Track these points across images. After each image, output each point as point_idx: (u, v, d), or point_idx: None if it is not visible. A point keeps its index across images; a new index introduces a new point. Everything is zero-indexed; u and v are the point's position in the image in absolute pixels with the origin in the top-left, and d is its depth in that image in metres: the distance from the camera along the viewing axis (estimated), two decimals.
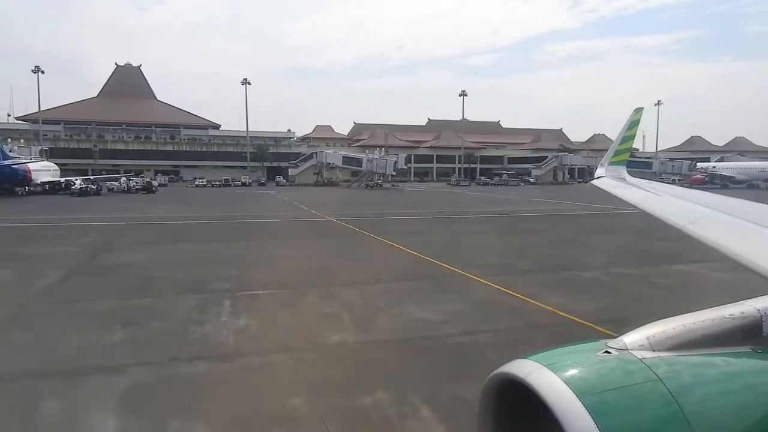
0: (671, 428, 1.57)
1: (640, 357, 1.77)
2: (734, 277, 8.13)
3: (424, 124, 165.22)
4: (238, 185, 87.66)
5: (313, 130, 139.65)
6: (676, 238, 5.17)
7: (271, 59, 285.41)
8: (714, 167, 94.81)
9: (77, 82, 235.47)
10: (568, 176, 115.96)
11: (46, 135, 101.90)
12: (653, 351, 1.82)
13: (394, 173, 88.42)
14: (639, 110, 7.93)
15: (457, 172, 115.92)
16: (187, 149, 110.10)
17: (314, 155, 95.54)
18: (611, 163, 7.67)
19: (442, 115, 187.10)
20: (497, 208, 42.63)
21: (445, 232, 27.07)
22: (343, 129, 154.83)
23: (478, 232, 27.23)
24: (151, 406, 6.72)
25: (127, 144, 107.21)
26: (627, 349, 1.82)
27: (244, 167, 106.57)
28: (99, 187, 59.94)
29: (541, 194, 64.42)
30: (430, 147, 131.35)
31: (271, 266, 16.98)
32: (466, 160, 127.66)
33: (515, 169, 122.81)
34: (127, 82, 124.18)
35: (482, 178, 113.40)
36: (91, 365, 8.12)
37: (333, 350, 8.87)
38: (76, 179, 61.77)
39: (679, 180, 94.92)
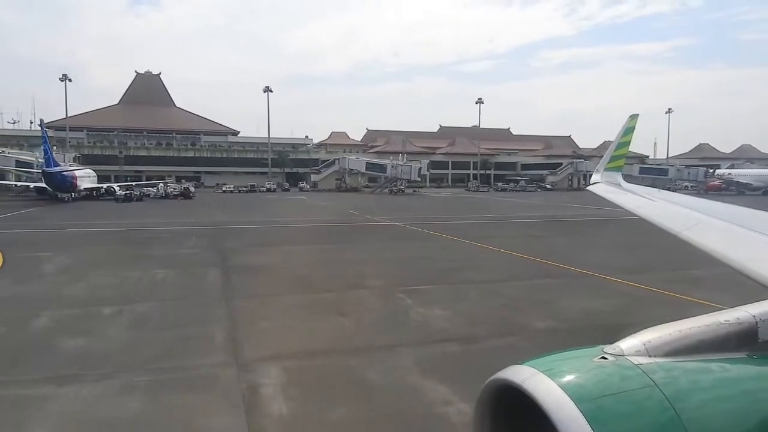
0: None
1: (636, 363, 1.77)
2: None
3: (434, 130, 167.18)
4: (263, 191, 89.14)
5: (329, 137, 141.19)
6: None
7: (269, 67, 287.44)
8: (730, 174, 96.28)
9: (76, 90, 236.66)
10: (583, 182, 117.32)
11: (69, 142, 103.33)
12: (650, 357, 1.83)
13: (419, 179, 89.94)
14: (634, 117, 7.96)
15: (477, 178, 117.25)
16: (208, 155, 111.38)
17: (336, 161, 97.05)
18: (607, 169, 7.72)
19: (438, 120, 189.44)
20: (538, 213, 43.98)
21: (516, 235, 28.33)
22: (349, 135, 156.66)
23: (545, 236, 28.44)
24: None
25: (149, 150, 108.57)
26: (623, 355, 1.82)
27: (264, 173, 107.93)
28: (141, 194, 61.31)
29: (564, 200, 65.46)
30: (446, 153, 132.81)
31: (399, 265, 18.26)
32: (480, 167, 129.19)
33: (528, 175, 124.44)
34: (147, 89, 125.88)
35: (499, 184, 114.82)
36: (358, 346, 9.49)
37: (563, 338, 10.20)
38: (115, 186, 63.22)
39: (692, 187, 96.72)
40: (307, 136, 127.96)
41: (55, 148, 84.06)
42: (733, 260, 3.13)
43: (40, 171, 65.07)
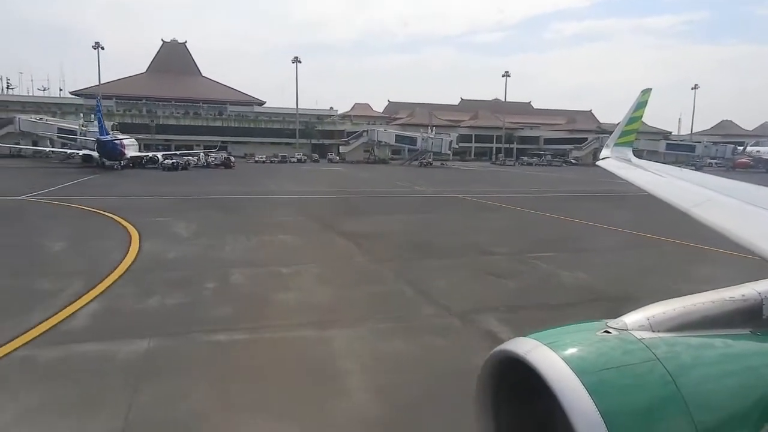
0: (668, 408, 1.60)
1: (639, 337, 1.79)
2: None
3: (454, 103, 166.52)
4: (294, 161, 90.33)
5: (352, 108, 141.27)
6: None
7: (273, 36, 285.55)
8: (758, 151, 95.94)
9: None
10: None
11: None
12: (653, 331, 1.84)
13: (450, 152, 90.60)
14: (646, 91, 7.86)
15: (503, 152, 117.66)
16: (236, 125, 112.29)
17: (365, 133, 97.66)
18: (617, 144, 7.69)
19: (450, 92, 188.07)
20: (580, 187, 44.99)
21: (578, 207, 28.90)
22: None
23: (606, 208, 29.03)
24: None
25: (178, 119, 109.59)
26: (627, 330, 1.84)
27: (289, 144, 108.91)
28: (186, 163, 62.69)
29: (595, 175, 65.39)
30: (470, 126, 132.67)
31: (500, 234, 19.43)
32: (504, 140, 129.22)
33: (551, 149, 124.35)
34: (174, 58, 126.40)
35: (524, 158, 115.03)
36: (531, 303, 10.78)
37: None
38: (159, 155, 64.61)
39: (717, 164, 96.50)
40: (331, 107, 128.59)
41: (92, 116, 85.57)
42: (743, 238, 3.11)
43: (82, 138, 66.79)
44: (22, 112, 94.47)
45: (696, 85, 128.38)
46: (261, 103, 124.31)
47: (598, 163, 7.48)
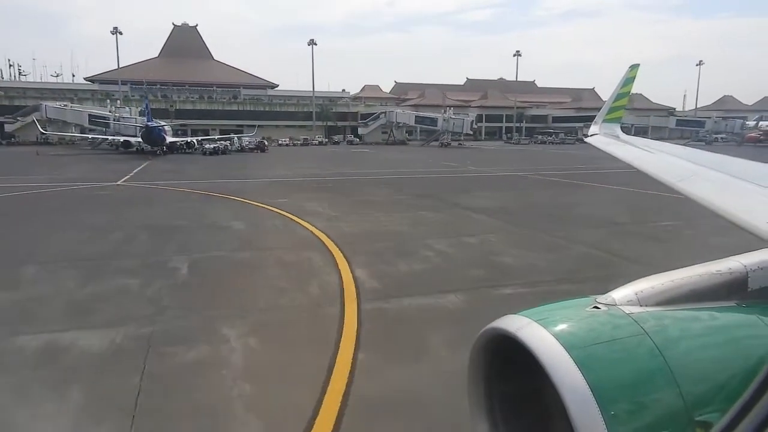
0: (656, 380, 1.63)
1: (628, 312, 1.82)
2: None
3: (458, 83, 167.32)
4: (315, 144, 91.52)
5: (362, 90, 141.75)
6: None
7: (261, 17, 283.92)
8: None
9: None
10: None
11: (113, 95, 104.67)
12: (641, 306, 1.87)
13: (471, 132, 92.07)
14: (634, 67, 7.81)
15: (517, 131, 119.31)
16: (251, 109, 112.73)
17: (383, 114, 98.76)
18: (605, 121, 7.64)
19: (442, 72, 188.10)
20: (622, 164, 46.65)
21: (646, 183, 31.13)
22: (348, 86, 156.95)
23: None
24: None
25: (194, 104, 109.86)
26: (616, 305, 1.87)
27: (303, 126, 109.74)
28: (225, 147, 63.84)
29: None
30: (480, 106, 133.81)
31: (610, 207, 21.23)
32: (513, 119, 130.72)
33: (560, 128, 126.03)
34: (185, 42, 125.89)
35: (538, 136, 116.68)
36: None
37: None
38: (195, 140, 65.71)
39: (722, 139, 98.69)
40: (343, 90, 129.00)
41: (119, 102, 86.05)
42: (726, 211, 3.13)
43: (116, 124, 67.63)
44: (40, 98, 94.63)
45: (701, 61, 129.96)
46: (274, 86, 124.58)
47: (587, 139, 7.52)
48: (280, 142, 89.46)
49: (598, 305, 1.87)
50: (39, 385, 6.23)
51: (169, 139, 63.74)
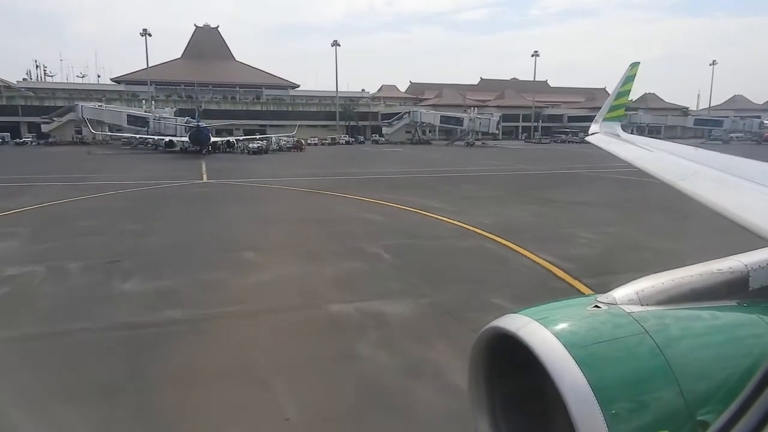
0: (657, 379, 1.63)
1: (628, 311, 1.82)
2: None
3: (474, 82, 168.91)
4: (342, 143, 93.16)
5: (379, 90, 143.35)
6: None
7: (257, 17, 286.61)
8: None
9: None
10: (636, 133, 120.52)
11: (138, 95, 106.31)
12: (642, 305, 1.87)
13: (497, 132, 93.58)
14: (635, 65, 7.83)
15: (534, 130, 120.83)
16: (274, 109, 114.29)
17: (407, 114, 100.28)
18: (606, 119, 7.62)
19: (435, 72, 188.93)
20: None
21: None
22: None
23: None
24: None
25: (219, 104, 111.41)
26: (616, 304, 1.87)
27: (325, 126, 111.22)
28: (267, 147, 65.49)
29: None
30: (497, 106, 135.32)
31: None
32: (529, 119, 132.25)
33: (575, 127, 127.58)
34: (207, 43, 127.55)
35: (560, 135, 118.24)
36: None
37: None
38: (234, 139, 67.29)
39: (737, 138, 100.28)
40: (363, 90, 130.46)
41: (153, 103, 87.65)
42: (727, 209, 3.14)
43: (156, 123, 69.18)
44: (68, 99, 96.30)
45: (714, 61, 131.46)
46: (295, 86, 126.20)
47: (587, 138, 7.48)
48: (309, 141, 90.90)
49: (599, 304, 1.87)
50: None
51: (213, 138, 65.30)
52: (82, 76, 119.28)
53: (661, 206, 19.80)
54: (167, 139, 64.72)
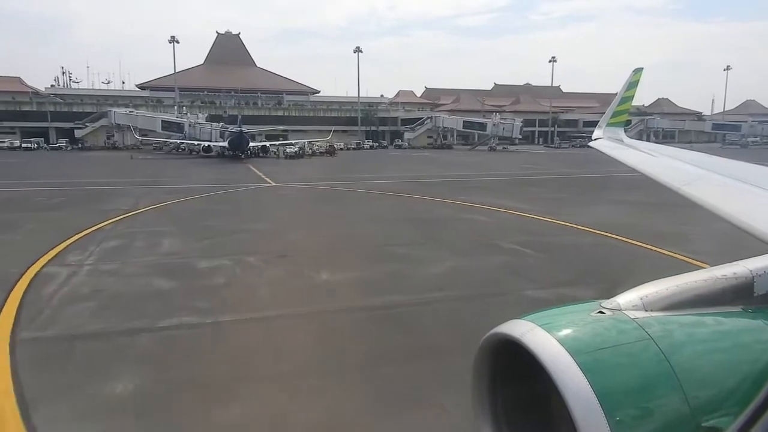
0: (662, 386, 1.62)
1: (633, 317, 1.81)
2: None
3: (489, 88, 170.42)
4: (367, 148, 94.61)
5: (396, 95, 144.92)
6: None
7: (261, 22, 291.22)
8: None
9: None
10: (654, 138, 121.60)
11: (163, 101, 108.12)
12: (646, 311, 1.86)
13: (520, 137, 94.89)
14: (638, 71, 7.73)
15: (552, 135, 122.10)
16: (296, 114, 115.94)
17: (429, 119, 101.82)
18: (609, 125, 7.53)
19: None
20: None
21: None
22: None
23: None
24: None
25: (242, 110, 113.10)
26: (620, 310, 1.86)
27: (345, 131, 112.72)
28: (302, 151, 66.94)
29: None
30: (513, 111, 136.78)
31: None
32: (544, 124, 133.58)
33: (592, 132, 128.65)
34: (229, 49, 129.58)
35: (579, 140, 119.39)
36: None
37: None
38: (268, 144, 68.72)
39: (752, 142, 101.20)
40: (382, 95, 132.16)
41: (185, 108, 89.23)
42: (731, 215, 3.11)
43: (192, 129, 70.63)
44: (96, 105, 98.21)
45: (728, 66, 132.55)
46: (315, 92, 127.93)
47: (590, 144, 7.43)
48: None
49: (603, 310, 1.87)
50: None
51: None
52: (108, 83, 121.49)
53: None
54: (205, 144, 66.18)
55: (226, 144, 62.37)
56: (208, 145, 65.45)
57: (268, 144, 69.40)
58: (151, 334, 8.10)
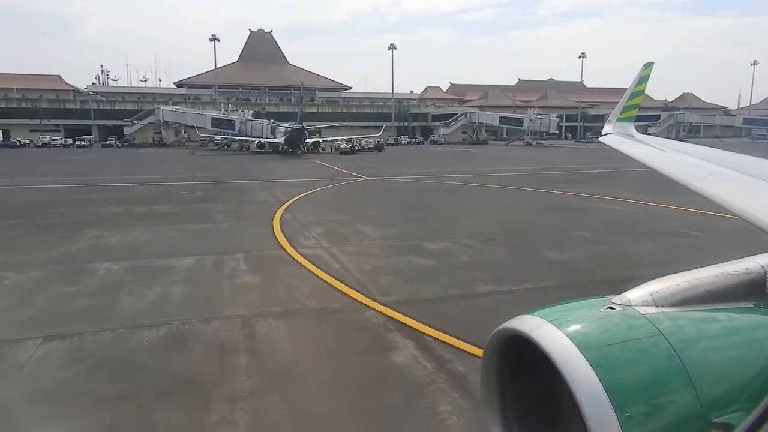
0: (672, 381, 1.60)
1: (643, 312, 1.79)
2: None
3: (513, 83, 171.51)
4: (403, 144, 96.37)
5: (424, 91, 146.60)
6: None
7: (265, 19, 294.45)
8: None
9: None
10: (684, 133, 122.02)
11: (200, 98, 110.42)
12: (656, 307, 1.85)
13: (557, 132, 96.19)
14: (649, 65, 7.65)
15: (590, 130, 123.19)
16: (330, 111, 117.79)
17: (464, 115, 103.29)
18: (619, 120, 7.47)
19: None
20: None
21: None
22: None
23: None
24: None
25: (277, 107, 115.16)
26: (630, 305, 1.84)
27: (377, 127, 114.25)
28: (358, 147, 68.86)
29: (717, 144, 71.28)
30: (542, 107, 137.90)
31: None
32: (570, 119, 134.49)
33: None
34: (262, 47, 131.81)
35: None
36: None
37: None
38: (320, 140, 70.59)
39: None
40: (411, 92, 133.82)
41: (230, 106, 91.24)
42: (744, 210, 3.14)
43: (243, 126, 72.62)
44: (137, 102, 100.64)
45: (755, 61, 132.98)
46: (347, 89, 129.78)
47: (601, 139, 7.42)
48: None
49: (613, 305, 1.86)
50: None
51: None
52: (145, 80, 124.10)
53: None
54: (262, 140, 68.16)
55: (281, 140, 64.23)
56: (263, 142, 67.34)
57: (320, 140, 71.15)
58: None
